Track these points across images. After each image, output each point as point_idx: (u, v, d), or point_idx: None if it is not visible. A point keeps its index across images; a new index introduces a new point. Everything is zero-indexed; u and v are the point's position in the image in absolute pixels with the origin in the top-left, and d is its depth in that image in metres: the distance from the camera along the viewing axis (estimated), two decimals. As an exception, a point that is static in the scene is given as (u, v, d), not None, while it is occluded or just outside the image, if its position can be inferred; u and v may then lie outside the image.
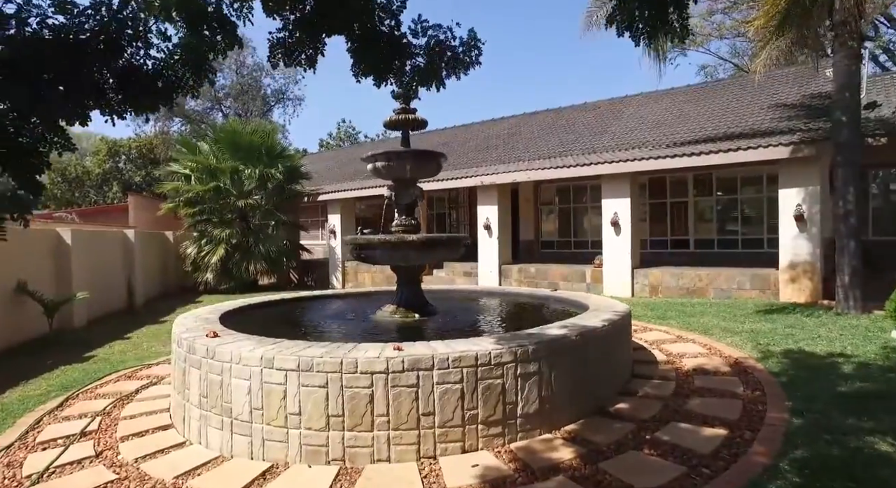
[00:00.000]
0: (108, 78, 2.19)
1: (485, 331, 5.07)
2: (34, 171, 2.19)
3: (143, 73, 2.27)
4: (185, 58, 2.34)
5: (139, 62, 2.27)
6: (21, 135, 2.13)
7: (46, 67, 2.02)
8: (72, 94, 2.08)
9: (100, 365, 7.01)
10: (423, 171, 5.73)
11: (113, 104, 2.25)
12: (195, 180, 16.25)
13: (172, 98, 2.46)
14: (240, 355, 3.76)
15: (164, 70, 2.32)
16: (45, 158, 2.23)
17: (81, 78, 2.08)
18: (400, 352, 3.59)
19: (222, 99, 32.54)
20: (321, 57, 2.82)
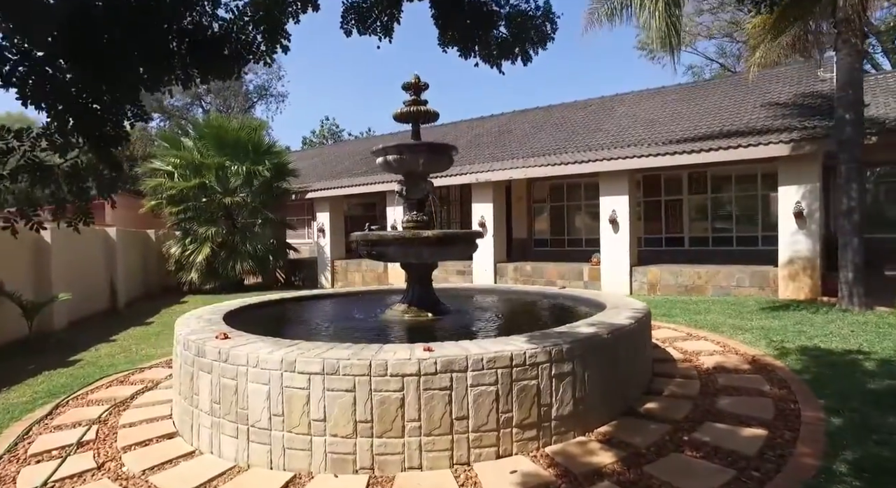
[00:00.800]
0: (177, 38, 1.96)
1: (508, 331, 4.89)
2: (112, 143, 1.97)
3: (211, 34, 2.04)
4: (256, 19, 2.11)
5: (207, 22, 2.05)
6: (98, 102, 1.91)
7: (120, 22, 1.78)
8: (145, 54, 1.85)
9: (88, 369, 6.64)
10: (436, 165, 5.54)
11: (182, 68, 2.02)
12: (179, 177, 15.73)
13: (242, 64, 2.23)
14: (257, 358, 3.52)
15: (233, 32, 2.10)
16: (122, 128, 2.02)
17: (152, 36, 1.85)
18: (431, 354, 3.40)
19: (202, 94, 31.71)
20: (396, 25, 2.60)
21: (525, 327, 5.23)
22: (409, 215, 5.58)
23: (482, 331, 4.92)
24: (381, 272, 15.35)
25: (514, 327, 5.10)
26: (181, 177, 15.70)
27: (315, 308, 6.68)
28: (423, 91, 5.64)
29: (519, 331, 4.94)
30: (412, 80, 5.62)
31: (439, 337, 4.77)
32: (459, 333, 4.83)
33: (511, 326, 5.30)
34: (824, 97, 10.91)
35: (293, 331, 5.23)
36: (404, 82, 5.67)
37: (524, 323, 5.45)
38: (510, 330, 5.00)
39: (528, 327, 5.22)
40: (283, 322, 5.71)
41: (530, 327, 5.17)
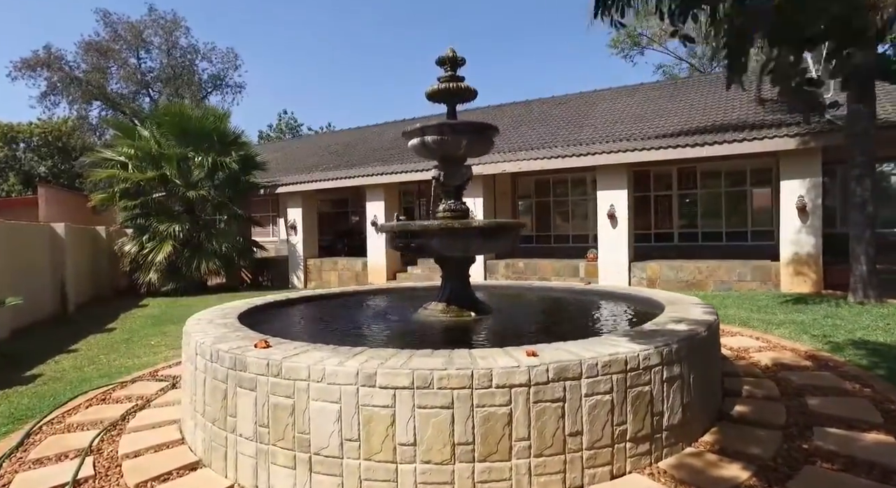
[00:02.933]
0: None
1: (575, 332, 4.42)
2: None
3: None
4: None
5: None
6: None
7: None
8: None
9: (54, 386, 5.65)
10: (478, 148, 5.01)
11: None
12: (134, 168, 14.36)
13: None
14: (323, 371, 2.88)
15: None
16: None
17: None
18: (539, 359, 2.88)
19: (150, 82, 29.44)
20: None
21: (591, 327, 4.78)
22: (446, 204, 5.01)
23: (546, 332, 4.43)
24: (360, 271, 14.59)
25: (578, 327, 4.65)
26: (136, 169, 14.35)
27: (331, 309, 5.98)
28: (459, 66, 5.09)
29: (589, 330, 4.49)
30: (447, 54, 5.06)
31: (498, 339, 4.27)
32: (520, 335, 4.34)
33: (574, 326, 4.82)
34: (809, 93, 11.15)
35: (327, 336, 4.56)
36: (439, 57, 5.10)
37: (585, 322, 4.98)
38: (577, 330, 4.54)
39: (593, 326, 4.77)
40: (307, 325, 5.01)
41: (595, 326, 4.73)
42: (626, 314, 4.88)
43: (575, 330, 4.44)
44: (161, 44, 28.78)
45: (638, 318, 4.61)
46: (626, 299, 5.57)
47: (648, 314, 4.72)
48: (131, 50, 29.32)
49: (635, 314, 4.77)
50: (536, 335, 4.28)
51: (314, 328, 4.87)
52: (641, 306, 5.12)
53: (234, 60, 30.28)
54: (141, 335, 8.48)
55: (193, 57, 29.38)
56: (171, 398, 4.89)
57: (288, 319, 5.34)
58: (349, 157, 17.55)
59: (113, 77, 29.29)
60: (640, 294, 5.62)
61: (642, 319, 4.52)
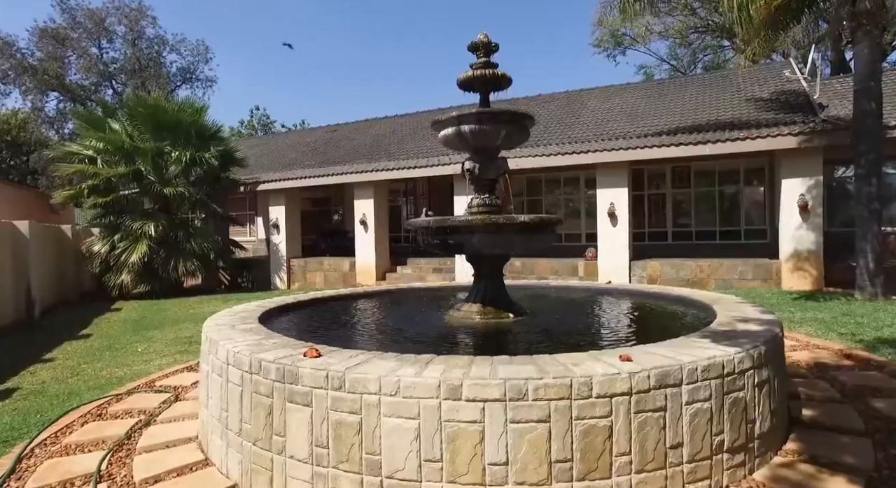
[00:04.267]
0: None
1: (628, 334, 4.18)
2: None
3: None
4: None
5: None
6: None
7: None
8: None
9: (36, 401, 5.07)
10: (516, 138, 4.72)
11: None
12: (103, 163, 13.46)
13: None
14: (398, 383, 2.53)
15: None
16: None
17: None
18: (639, 365, 2.61)
19: (114, 74, 27.86)
20: None
21: (644, 328, 4.50)
22: (479, 198, 4.70)
23: (599, 335, 4.17)
24: (347, 271, 14.09)
25: (630, 329, 4.39)
26: (106, 164, 13.46)
27: (349, 311, 5.58)
28: (493, 52, 4.80)
29: (647, 332, 4.23)
30: (480, 39, 4.77)
31: (553, 343, 3.98)
32: (574, 338, 4.06)
33: (624, 328, 4.55)
34: (798, 94, 11.37)
35: (365, 342, 4.19)
36: (471, 42, 4.80)
37: (633, 323, 4.72)
38: (632, 332, 4.29)
39: (647, 328, 4.49)
40: (336, 330, 4.60)
41: (649, 328, 4.45)
42: (672, 314, 4.67)
43: (628, 332, 4.21)
44: (125, 33, 27.31)
45: (686, 318, 4.41)
46: (659, 298, 5.38)
47: (693, 314, 4.54)
48: (92, 39, 27.73)
49: (681, 314, 4.57)
50: (592, 338, 4.02)
51: (344, 333, 4.47)
52: (680, 306, 4.94)
53: (205, 53, 29.08)
54: (123, 342, 7.83)
55: (161, 48, 28.06)
56: (179, 412, 4.41)
57: (308, 322, 4.93)
58: (331, 154, 16.99)
59: (71, 67, 27.66)
60: (671, 292, 5.45)
61: (691, 319, 4.33)
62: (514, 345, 3.87)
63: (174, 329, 8.64)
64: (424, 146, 15.01)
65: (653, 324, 4.52)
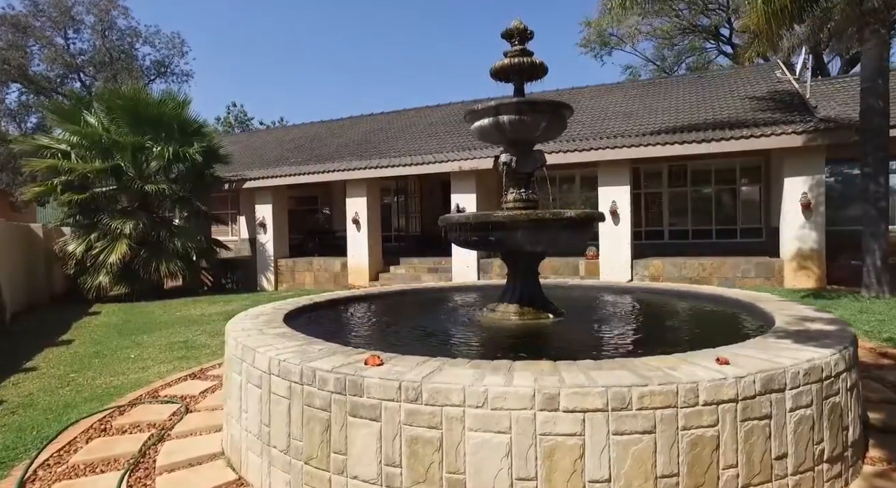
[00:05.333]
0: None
1: (680, 334, 3.99)
2: None
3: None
4: None
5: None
6: None
7: None
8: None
9: (29, 415, 4.60)
10: (555, 130, 4.49)
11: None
12: (77, 158, 12.72)
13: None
14: (485, 393, 2.27)
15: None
16: None
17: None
18: (740, 369, 2.41)
19: (82, 66, 26.51)
20: None
21: (695, 329, 4.29)
22: (515, 193, 4.47)
23: (656, 336, 3.97)
24: (339, 271, 13.67)
25: (680, 330, 4.20)
26: (81, 159, 12.73)
27: (373, 313, 5.26)
28: (528, 40, 4.56)
29: (702, 334, 4.04)
30: (516, 25, 4.53)
31: (605, 345, 3.76)
32: (623, 339, 3.86)
33: (672, 329, 4.33)
34: (791, 95, 11.52)
35: (411, 347, 3.89)
36: (505, 29, 4.56)
37: (679, 324, 4.49)
38: (689, 334, 4.09)
39: (698, 329, 4.26)
40: (370, 333, 4.29)
41: (698, 328, 4.23)
42: (720, 313, 4.50)
43: (687, 333, 4.02)
44: (95, 24, 26.00)
45: (739, 318, 4.25)
46: (693, 297, 5.23)
47: (737, 313, 4.39)
48: (57, 28, 26.37)
49: (729, 313, 4.41)
50: (652, 340, 3.81)
51: (380, 336, 4.17)
52: (720, 305, 4.79)
53: (181, 46, 27.98)
54: (111, 347, 7.31)
55: (134, 40, 26.86)
56: (194, 425, 4.04)
57: (333, 325, 4.60)
58: (317, 152, 16.51)
59: (35, 57, 26.24)
60: (703, 291, 5.32)
61: (745, 319, 4.17)
62: (570, 348, 3.64)
63: (165, 333, 8.13)
64: (415, 144, 14.71)
65: (705, 323, 4.32)
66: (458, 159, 11.86)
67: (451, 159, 12.00)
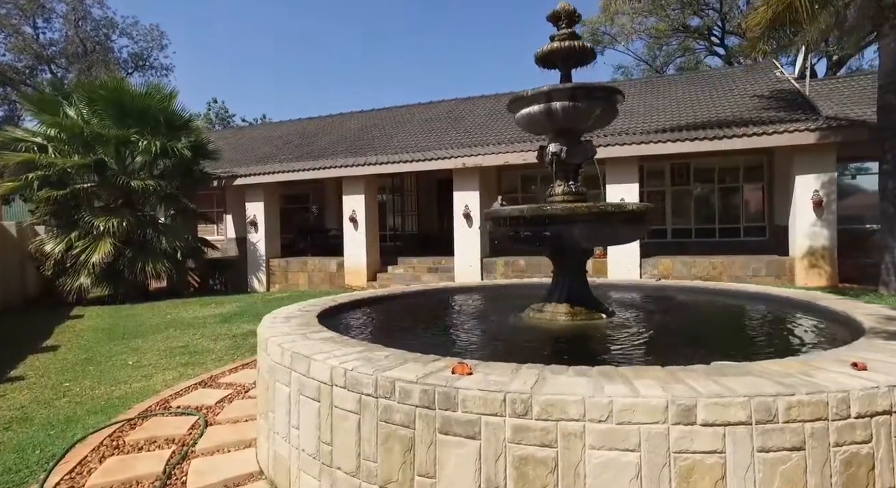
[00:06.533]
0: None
1: (744, 337, 3.74)
2: None
3: None
4: None
5: None
6: None
7: None
8: None
9: (24, 432, 4.13)
10: (606, 118, 4.21)
11: None
12: (55, 152, 12.00)
13: None
14: (609, 405, 1.97)
15: None
16: None
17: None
18: (880, 375, 2.16)
19: (53, 56, 25.29)
20: None
21: (769, 330, 4.01)
22: (563, 185, 4.18)
23: (733, 338, 3.71)
24: (335, 271, 13.22)
25: (758, 332, 3.94)
26: (59, 152, 12.01)
27: (405, 314, 4.92)
28: (576, 22, 4.29)
29: (782, 335, 3.79)
30: (563, 7, 4.24)
31: (686, 348, 3.49)
32: (699, 342, 3.61)
33: (752, 331, 4.05)
34: (793, 94, 11.55)
35: (469, 352, 3.58)
36: (551, 11, 4.27)
37: (746, 325, 4.22)
38: (767, 336, 3.83)
39: (770, 330, 3.99)
40: (415, 337, 3.95)
41: (765, 330, 3.96)
42: (779, 313, 4.28)
43: (764, 335, 3.78)
44: (67, 13, 24.84)
45: (800, 318, 4.04)
46: (736, 296, 5.03)
47: (800, 313, 4.15)
48: (24, 16, 25.10)
49: (789, 313, 4.20)
50: (725, 342, 3.56)
51: (428, 340, 3.83)
52: (771, 304, 4.58)
53: (160, 39, 26.96)
54: (103, 353, 6.78)
55: (110, 31, 25.74)
56: (219, 440, 3.66)
57: (371, 328, 4.24)
58: (308, 148, 16.02)
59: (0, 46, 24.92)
60: (746, 289, 5.12)
61: (808, 319, 3.95)
62: (643, 352, 3.36)
63: (161, 337, 7.62)
64: (412, 140, 14.35)
65: (774, 324, 4.06)
66: (462, 156, 11.55)
67: (454, 156, 11.68)
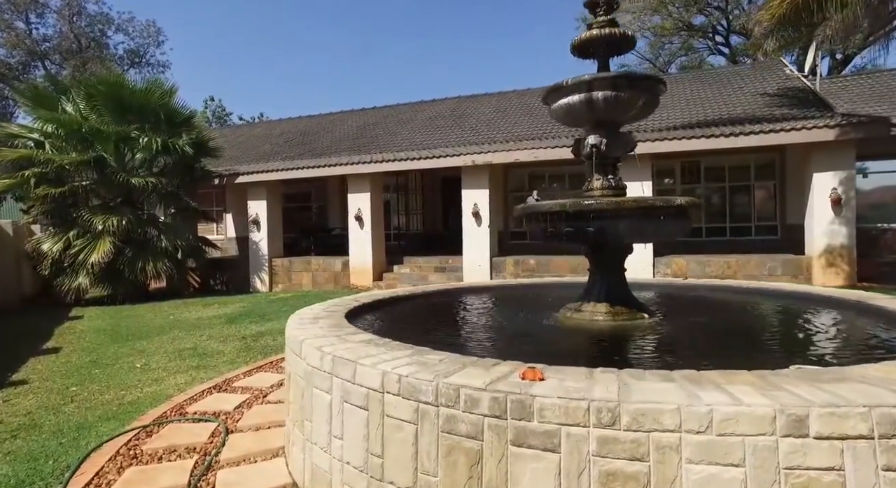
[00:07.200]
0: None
1: (821, 339, 3.54)
2: None
3: None
4: None
5: None
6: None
7: None
8: None
9: (34, 440, 3.89)
10: (648, 110, 4.05)
11: None
12: (53, 148, 11.71)
13: None
14: (709, 414, 1.78)
15: None
16: None
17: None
18: None
19: (47, 52, 24.84)
20: None
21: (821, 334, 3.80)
22: (602, 179, 4.00)
23: (781, 340, 3.53)
24: (339, 271, 12.99)
25: (817, 334, 3.74)
26: (56, 149, 11.72)
27: (432, 315, 4.71)
28: (615, 9, 4.11)
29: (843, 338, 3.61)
30: (599, -8, 4.06)
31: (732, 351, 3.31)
32: (755, 345, 3.42)
33: (811, 333, 3.83)
34: (804, 91, 11.44)
35: (511, 355, 3.36)
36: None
37: (800, 327, 4.00)
38: (824, 338, 3.65)
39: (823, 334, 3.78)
40: (452, 339, 3.74)
41: (825, 334, 3.75)
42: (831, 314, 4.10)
43: (816, 337, 3.59)
44: (61, 8, 24.40)
45: (856, 318, 3.86)
46: (776, 295, 4.85)
47: (854, 313, 3.96)
48: (16, 11, 24.64)
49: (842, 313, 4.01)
50: (789, 345, 3.37)
51: (473, 342, 3.63)
52: (817, 304, 4.40)
53: (157, 35, 26.59)
54: (108, 356, 6.53)
55: (105, 27, 25.34)
56: (244, 449, 3.45)
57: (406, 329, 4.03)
58: (311, 146, 15.78)
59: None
60: (784, 288, 4.96)
61: (865, 320, 3.77)
62: (705, 354, 3.16)
63: (166, 339, 7.37)
64: (417, 138, 14.14)
65: (833, 325, 3.86)
66: (471, 153, 11.35)
67: (464, 153, 11.48)
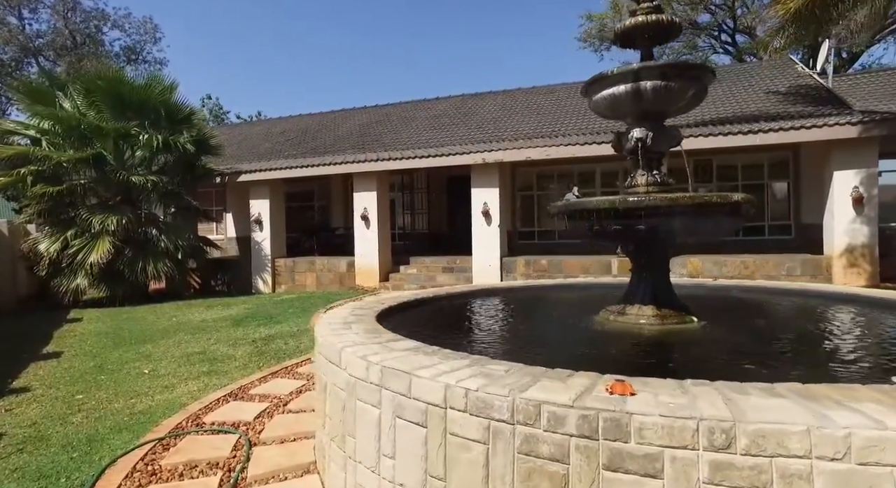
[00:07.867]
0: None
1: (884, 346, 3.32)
2: None
3: None
4: None
5: None
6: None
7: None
8: None
9: (42, 455, 3.62)
10: (696, 101, 3.80)
11: None
12: (49, 145, 11.38)
13: None
14: (848, 438, 1.55)
15: None
16: None
17: None
18: None
19: (40, 48, 24.38)
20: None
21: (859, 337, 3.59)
22: (647, 175, 3.76)
23: (841, 345, 3.31)
24: (345, 271, 12.72)
25: (872, 340, 3.53)
26: (53, 146, 11.40)
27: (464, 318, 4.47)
28: (659, -6, 3.88)
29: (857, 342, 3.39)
30: (643, -24, 3.83)
31: (796, 358, 3.09)
32: (810, 351, 3.20)
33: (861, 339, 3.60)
34: (818, 89, 11.30)
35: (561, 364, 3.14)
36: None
37: (859, 333, 3.77)
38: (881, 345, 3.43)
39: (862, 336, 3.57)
40: (493, 346, 3.51)
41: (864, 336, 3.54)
42: (885, 317, 3.90)
43: (877, 343, 3.38)
44: (55, 3, 23.94)
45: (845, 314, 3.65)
46: (820, 296, 4.65)
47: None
48: (9, 6, 24.17)
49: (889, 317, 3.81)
50: (853, 352, 3.15)
51: (515, 349, 3.39)
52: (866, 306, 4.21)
53: (154, 32, 26.18)
54: (113, 361, 6.25)
55: (101, 23, 24.92)
56: (274, 464, 3.21)
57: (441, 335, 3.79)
58: (313, 144, 15.51)
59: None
60: (825, 289, 4.78)
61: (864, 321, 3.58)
62: (777, 362, 2.93)
63: (172, 342, 7.10)
64: (422, 136, 13.90)
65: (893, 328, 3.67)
66: (481, 151, 11.11)
67: (473, 151, 11.24)
